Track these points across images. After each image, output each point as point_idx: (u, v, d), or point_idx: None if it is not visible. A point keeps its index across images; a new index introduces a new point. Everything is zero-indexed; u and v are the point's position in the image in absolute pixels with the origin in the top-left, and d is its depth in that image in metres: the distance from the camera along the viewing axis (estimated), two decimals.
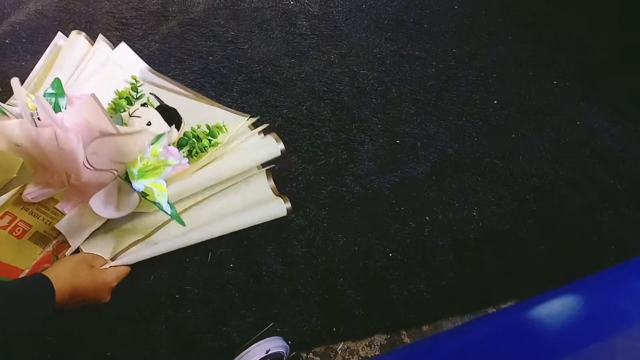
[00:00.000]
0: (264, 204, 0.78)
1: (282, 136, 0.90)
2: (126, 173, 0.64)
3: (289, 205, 0.79)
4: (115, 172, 0.63)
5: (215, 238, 0.76)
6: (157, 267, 0.73)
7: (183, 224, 0.69)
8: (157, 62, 0.98)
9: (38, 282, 0.57)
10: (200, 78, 0.97)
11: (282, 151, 0.81)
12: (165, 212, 0.66)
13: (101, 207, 0.64)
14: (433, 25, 1.13)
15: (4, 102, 0.81)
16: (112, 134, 0.61)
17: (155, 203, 0.65)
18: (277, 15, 1.11)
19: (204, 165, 0.76)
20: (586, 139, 0.95)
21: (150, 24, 1.05)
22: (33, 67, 0.77)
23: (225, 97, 0.94)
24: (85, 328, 0.67)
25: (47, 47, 0.79)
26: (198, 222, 0.74)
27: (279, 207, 0.78)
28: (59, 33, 0.81)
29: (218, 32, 1.06)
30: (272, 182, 0.81)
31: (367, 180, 0.86)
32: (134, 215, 0.71)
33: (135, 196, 0.66)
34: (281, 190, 0.82)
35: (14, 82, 0.62)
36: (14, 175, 0.75)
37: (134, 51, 1.00)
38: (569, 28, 1.16)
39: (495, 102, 1.00)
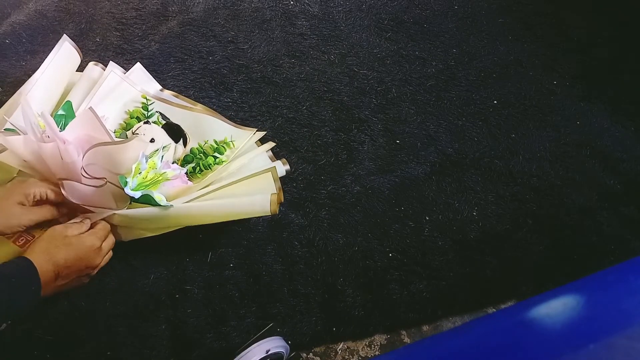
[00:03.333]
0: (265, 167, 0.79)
1: (282, 136, 0.90)
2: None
3: (287, 167, 0.81)
4: (105, 180, 0.64)
5: (215, 238, 0.76)
6: (157, 267, 0.73)
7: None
8: (157, 62, 0.98)
9: (20, 265, 0.55)
10: (200, 78, 0.97)
11: (287, 171, 0.83)
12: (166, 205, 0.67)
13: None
14: (433, 25, 1.13)
15: (3, 102, 0.81)
16: (106, 143, 0.61)
17: (154, 201, 0.66)
18: (277, 15, 1.11)
19: (208, 185, 0.76)
20: (586, 139, 0.95)
21: (150, 24, 1.06)
22: (33, 67, 0.77)
23: (225, 97, 0.94)
24: (85, 328, 0.67)
25: (47, 47, 0.79)
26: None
27: (279, 168, 0.79)
28: (64, 35, 0.81)
29: (218, 32, 1.06)
30: (270, 152, 0.84)
31: (367, 180, 0.86)
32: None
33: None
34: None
35: (24, 101, 0.62)
36: (14, 176, 0.75)
37: (134, 51, 1.00)
38: (569, 28, 1.16)
39: (495, 102, 1.00)
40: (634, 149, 0.95)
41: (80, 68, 0.85)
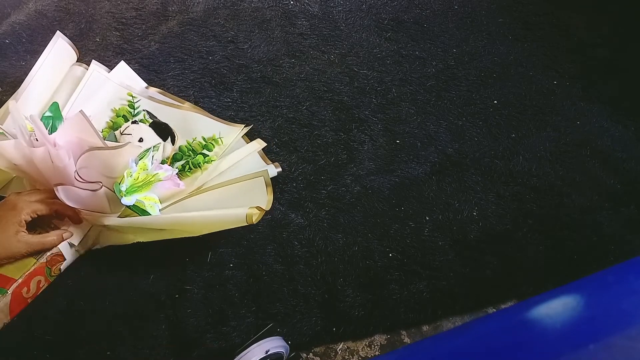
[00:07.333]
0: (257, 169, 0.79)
1: (282, 136, 0.90)
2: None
3: (279, 169, 0.83)
4: (100, 184, 0.64)
5: (215, 238, 0.76)
6: (157, 267, 0.73)
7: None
8: (157, 62, 0.98)
9: None
10: (200, 78, 0.97)
11: (280, 172, 0.83)
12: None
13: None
14: (433, 25, 1.13)
15: (3, 102, 0.81)
16: (99, 148, 0.62)
17: (145, 212, 0.66)
18: (277, 15, 1.11)
19: (200, 187, 0.76)
20: (586, 139, 0.95)
21: (150, 24, 1.06)
22: (33, 67, 0.77)
23: (225, 97, 0.94)
24: (85, 328, 0.67)
25: (47, 47, 0.80)
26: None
27: (270, 170, 0.80)
28: (58, 32, 0.81)
29: (218, 32, 1.06)
30: (261, 151, 0.84)
31: (367, 180, 0.86)
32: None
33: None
34: (279, 190, 0.82)
35: (12, 105, 0.63)
36: (14, 176, 0.75)
37: (134, 51, 1.00)
38: (569, 28, 1.16)
39: (495, 102, 1.00)
40: (634, 149, 0.95)
41: None
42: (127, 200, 0.66)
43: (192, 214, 0.70)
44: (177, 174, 0.77)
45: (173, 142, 0.81)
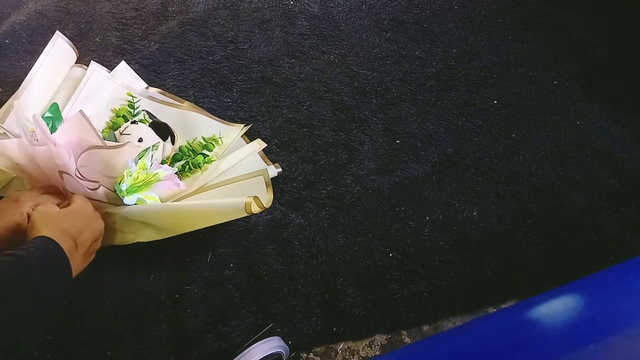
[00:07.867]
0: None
1: (282, 136, 0.90)
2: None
3: (280, 169, 0.83)
4: (98, 183, 0.64)
5: (215, 238, 0.76)
6: (157, 267, 0.73)
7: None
8: (157, 62, 0.98)
9: (40, 244, 0.51)
10: (200, 78, 0.97)
11: (282, 172, 0.84)
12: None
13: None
14: (433, 25, 1.13)
15: (3, 102, 0.81)
16: (99, 147, 0.62)
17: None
18: (277, 15, 1.11)
19: (201, 187, 0.76)
20: (586, 139, 0.95)
21: (150, 24, 1.06)
22: (32, 67, 0.77)
23: (225, 97, 0.94)
24: (85, 328, 0.67)
25: (46, 47, 0.80)
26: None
27: (270, 171, 0.80)
28: (57, 32, 0.81)
29: (218, 32, 1.06)
30: (261, 152, 0.84)
31: (367, 180, 0.86)
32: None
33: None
34: (279, 190, 0.82)
35: (17, 104, 0.63)
36: (14, 175, 0.75)
37: (134, 51, 1.00)
38: (569, 28, 1.16)
39: (495, 102, 1.00)
40: (634, 148, 0.95)
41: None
42: (129, 200, 0.66)
43: (193, 202, 0.71)
44: (177, 174, 0.77)
45: (173, 142, 0.81)
